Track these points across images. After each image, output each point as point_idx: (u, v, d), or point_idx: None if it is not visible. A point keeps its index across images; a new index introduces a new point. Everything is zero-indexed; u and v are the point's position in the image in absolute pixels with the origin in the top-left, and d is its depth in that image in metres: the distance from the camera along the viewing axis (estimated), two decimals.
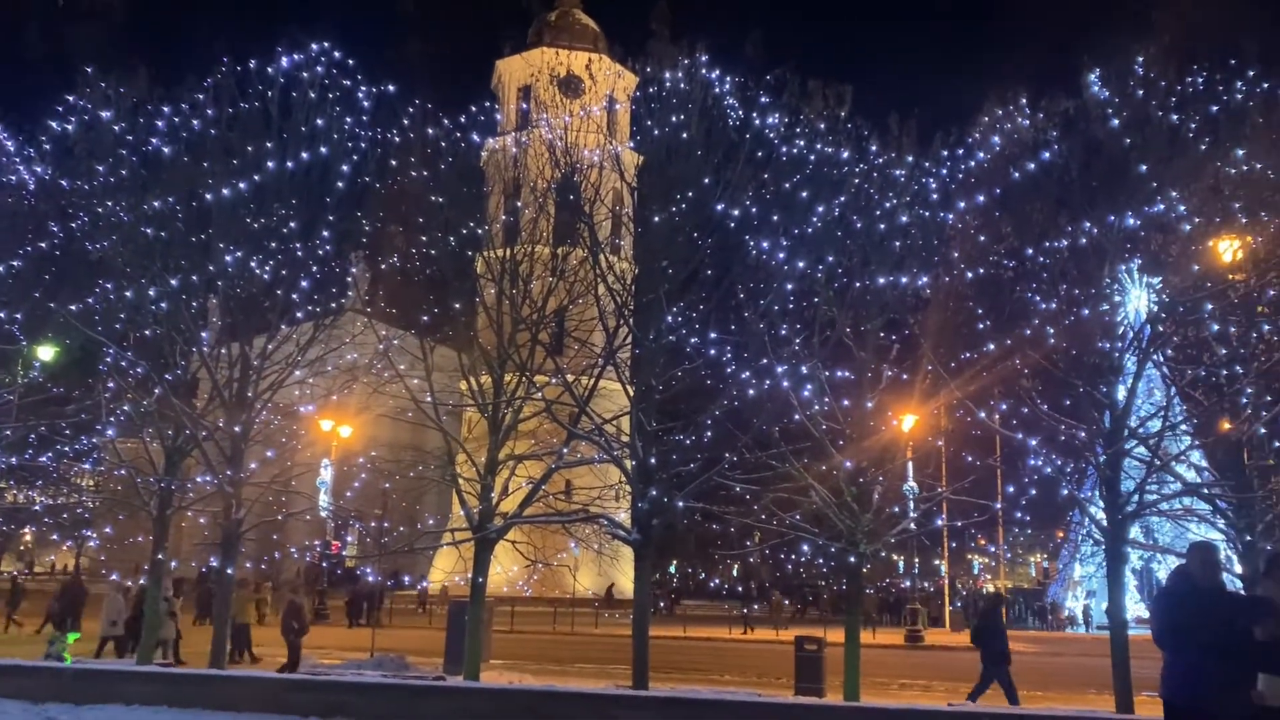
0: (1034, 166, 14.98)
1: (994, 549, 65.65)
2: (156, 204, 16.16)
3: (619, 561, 28.85)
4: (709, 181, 15.55)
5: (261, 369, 16.68)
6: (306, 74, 16.60)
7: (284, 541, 27.44)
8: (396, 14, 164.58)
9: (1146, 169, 14.20)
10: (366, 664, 20.18)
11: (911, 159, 15.92)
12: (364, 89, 17.04)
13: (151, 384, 16.63)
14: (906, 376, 15.94)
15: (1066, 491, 15.53)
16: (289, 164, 16.34)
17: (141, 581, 21.49)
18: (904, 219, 15.62)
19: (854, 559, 15.10)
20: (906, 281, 15.56)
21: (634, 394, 16.06)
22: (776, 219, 15.76)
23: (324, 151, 16.56)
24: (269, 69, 16.52)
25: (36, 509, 25.17)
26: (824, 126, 15.86)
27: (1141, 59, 14.58)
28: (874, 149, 16.07)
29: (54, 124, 16.82)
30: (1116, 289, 15.08)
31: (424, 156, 17.05)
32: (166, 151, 16.54)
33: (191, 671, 16.01)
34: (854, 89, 16.02)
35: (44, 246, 17.56)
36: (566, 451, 16.58)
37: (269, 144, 16.34)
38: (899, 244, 15.55)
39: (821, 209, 15.50)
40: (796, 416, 15.23)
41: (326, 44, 16.74)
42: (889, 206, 15.67)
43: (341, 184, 16.71)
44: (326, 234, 16.77)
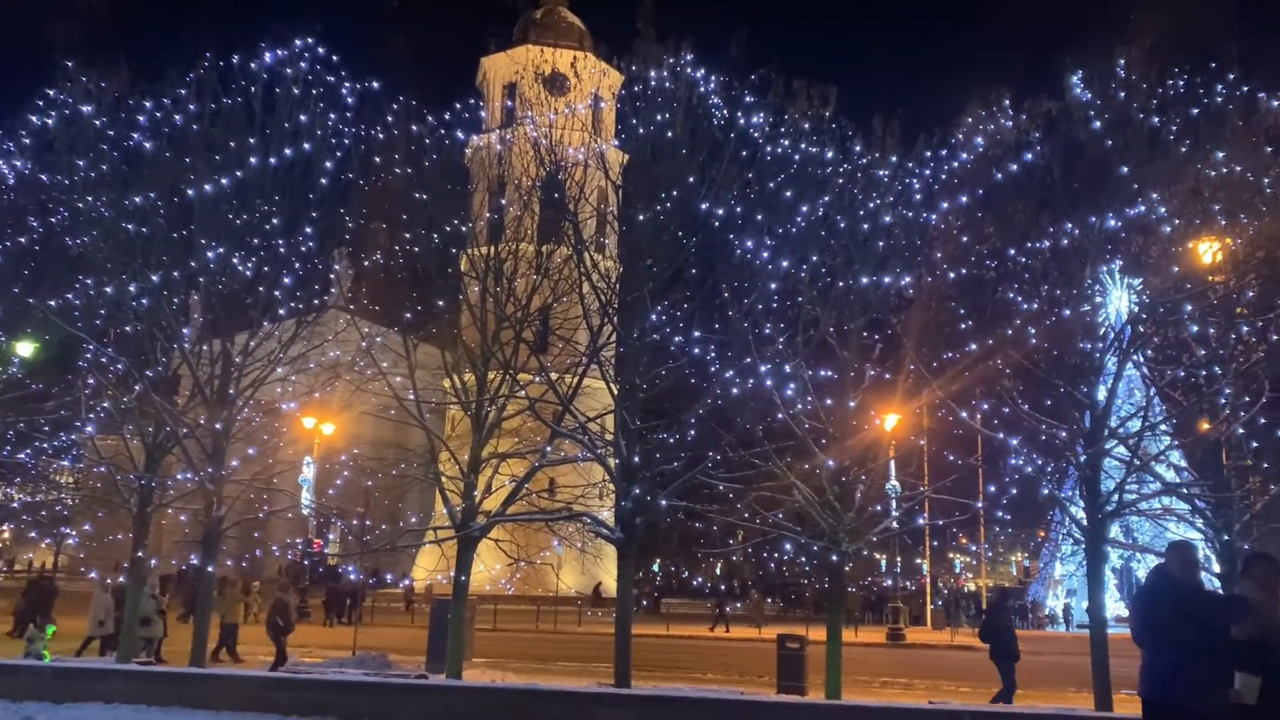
0: (1016, 167, 15.05)
1: (975, 548, 66.05)
2: (138, 199, 16.04)
3: (602, 560, 28.90)
4: (694, 180, 15.56)
5: (243, 366, 16.58)
6: (290, 70, 16.50)
7: (265, 539, 27.28)
8: (381, 10, 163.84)
9: (1128, 171, 14.29)
10: (348, 662, 20.09)
11: (895, 159, 15.99)
12: (348, 85, 16.96)
13: (132, 381, 16.51)
14: (889, 376, 16.00)
15: (1047, 491, 15.63)
16: (272, 160, 16.23)
17: (122, 580, 21.34)
18: (887, 219, 15.69)
19: (836, 557, 15.16)
20: (889, 281, 15.63)
21: (618, 392, 16.07)
22: (761, 218, 15.80)
23: (307, 148, 16.46)
24: (252, 64, 16.40)
25: (15, 506, 24.91)
26: (808, 126, 15.90)
27: (1123, 61, 14.67)
28: (858, 149, 16.13)
29: (34, 118, 16.69)
30: (1097, 290, 15.17)
31: (408, 153, 16.99)
32: (148, 146, 16.44)
33: (172, 670, 15.91)
34: (838, 89, 16.10)
35: (23, 241, 17.46)
36: (550, 450, 16.57)
37: (252, 140, 16.23)
38: (882, 244, 15.61)
39: (805, 209, 15.55)
40: (780, 415, 15.27)
41: (310, 39, 16.64)
42: (872, 206, 15.73)
43: (325, 180, 16.60)
44: (309, 230, 16.68)
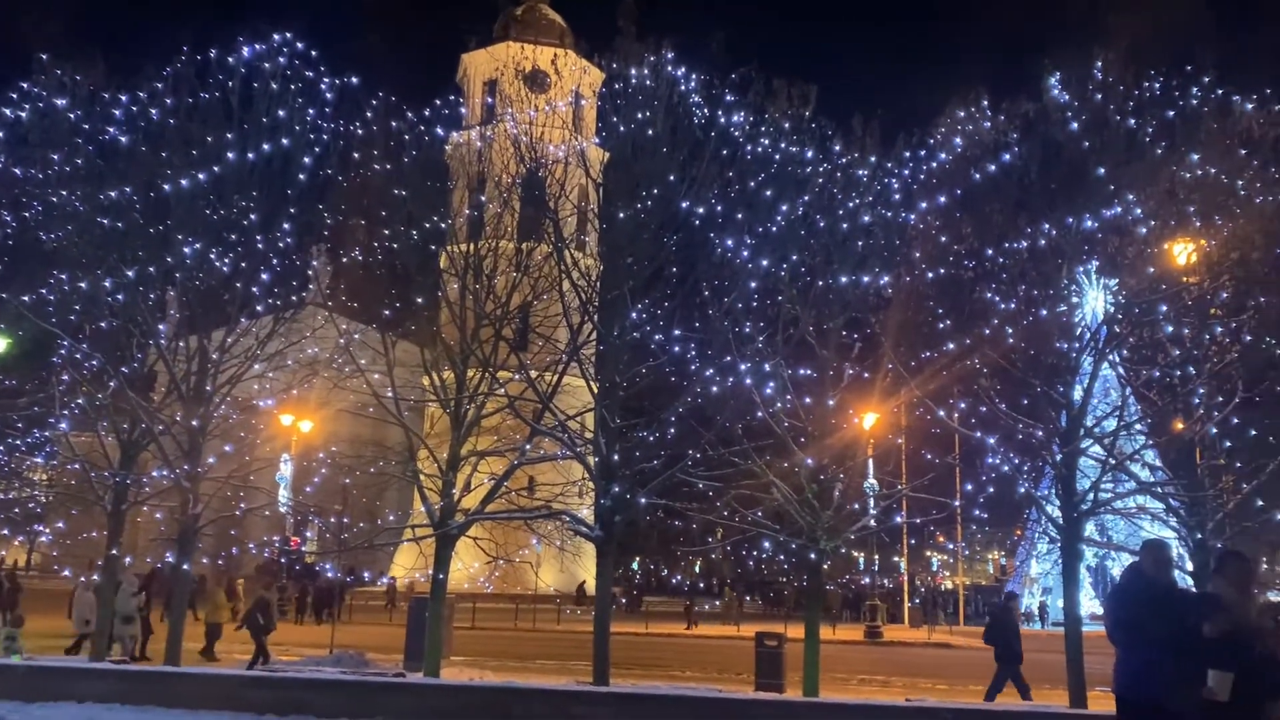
0: (994, 168, 15.14)
1: (953, 546, 66.40)
2: (113, 194, 15.89)
3: (582, 558, 28.90)
4: (674, 179, 15.57)
5: (220, 363, 16.46)
6: (268, 64, 16.37)
7: (242, 537, 27.05)
8: (361, 6, 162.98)
9: (1104, 172, 14.39)
10: (326, 661, 20.02)
11: (874, 159, 16.04)
12: (327, 80, 16.86)
13: (107, 377, 16.37)
14: (868, 375, 16.06)
15: (1024, 489, 15.72)
16: (250, 155, 16.12)
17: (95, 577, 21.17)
18: (866, 219, 15.74)
19: (814, 555, 15.20)
20: (868, 281, 15.68)
21: (597, 390, 16.06)
22: (741, 217, 15.83)
23: (285, 143, 16.34)
24: (230, 59, 16.28)
25: None
26: (788, 126, 15.93)
27: (1100, 64, 14.78)
28: (837, 149, 16.18)
29: (7, 111, 16.47)
30: (1074, 290, 15.29)
31: (387, 149, 16.90)
32: (124, 141, 16.28)
33: (147, 669, 15.78)
34: (818, 89, 16.14)
35: None
36: (529, 448, 16.54)
37: (229, 135, 16.10)
38: (861, 243, 15.66)
39: (785, 208, 15.58)
40: (759, 414, 15.29)
41: (289, 34, 16.54)
42: (852, 206, 15.78)
43: (303, 176, 16.48)
44: (287, 226, 16.56)
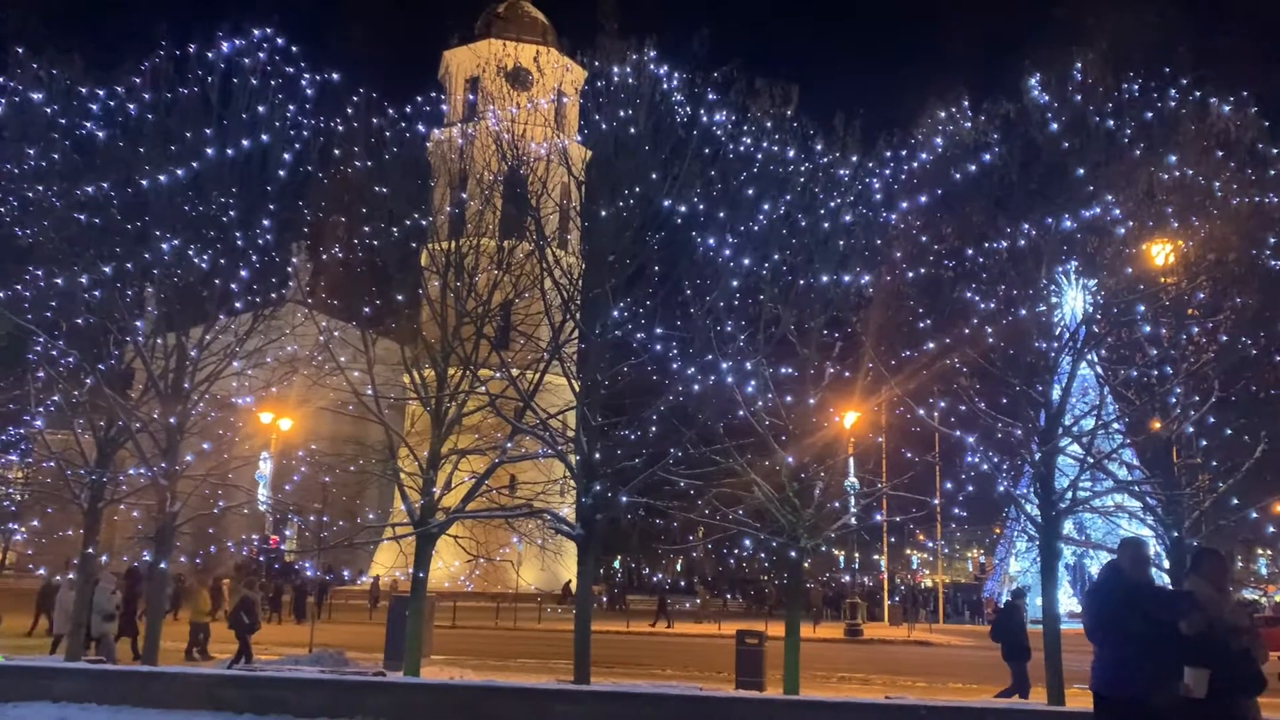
0: (975, 168, 15.20)
1: (932, 544, 66.71)
2: (90, 189, 15.73)
3: (563, 557, 28.85)
4: (656, 177, 15.56)
5: (198, 360, 16.32)
6: (248, 60, 16.25)
7: (221, 536, 26.92)
8: (342, 1, 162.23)
9: (1084, 172, 14.48)
10: (304, 659, 19.93)
11: (856, 159, 16.08)
12: (307, 76, 16.74)
13: (83, 374, 16.21)
14: (848, 374, 16.10)
15: (1003, 488, 15.78)
16: (229, 151, 15.99)
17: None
18: (848, 218, 15.78)
19: (795, 554, 15.25)
20: (849, 280, 15.72)
21: (579, 388, 16.04)
22: (723, 216, 15.83)
23: (265, 139, 16.23)
24: (209, 54, 16.14)
25: None
26: (770, 125, 15.96)
27: (1080, 65, 14.86)
28: (819, 148, 16.22)
29: None
30: (1053, 290, 15.38)
31: (368, 146, 16.81)
32: (101, 136, 16.12)
33: (123, 668, 15.66)
34: (800, 89, 16.17)
35: None
36: (510, 446, 16.50)
37: (208, 130, 15.96)
38: (843, 243, 15.70)
39: (767, 207, 15.61)
40: (740, 413, 15.31)
41: (269, 29, 16.41)
42: (833, 206, 15.82)
43: (283, 172, 16.38)
44: (267, 223, 16.41)
